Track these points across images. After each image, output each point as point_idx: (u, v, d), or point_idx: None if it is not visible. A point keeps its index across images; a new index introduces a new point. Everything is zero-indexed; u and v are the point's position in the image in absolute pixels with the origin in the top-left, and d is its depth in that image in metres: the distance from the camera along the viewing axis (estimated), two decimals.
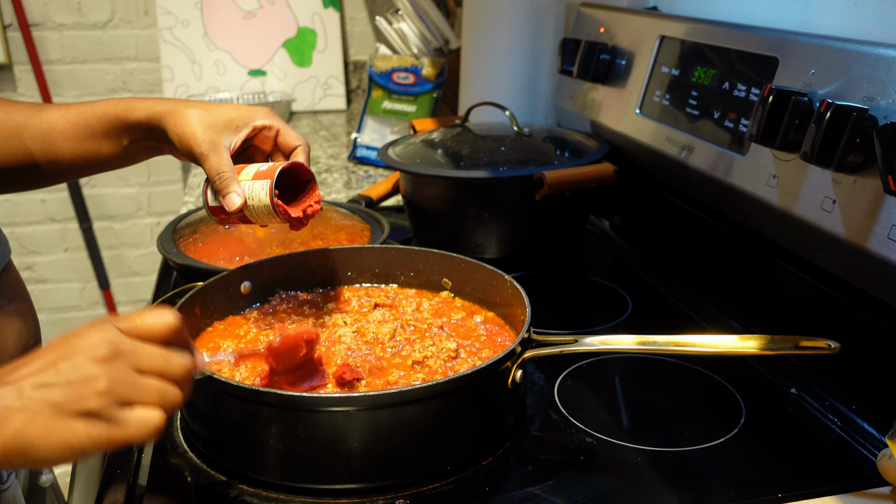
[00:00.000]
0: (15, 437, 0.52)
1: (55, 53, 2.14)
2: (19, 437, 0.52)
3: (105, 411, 0.54)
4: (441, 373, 0.79)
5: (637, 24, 1.23)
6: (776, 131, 0.81)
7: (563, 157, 1.24)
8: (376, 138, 1.79)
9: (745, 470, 0.75)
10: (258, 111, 0.84)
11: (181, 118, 0.80)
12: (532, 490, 0.71)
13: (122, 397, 0.55)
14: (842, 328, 0.86)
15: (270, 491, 0.71)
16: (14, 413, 0.52)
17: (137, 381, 0.56)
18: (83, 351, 0.55)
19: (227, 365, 0.79)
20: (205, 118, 0.80)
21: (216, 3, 2.18)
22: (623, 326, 1.04)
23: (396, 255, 0.99)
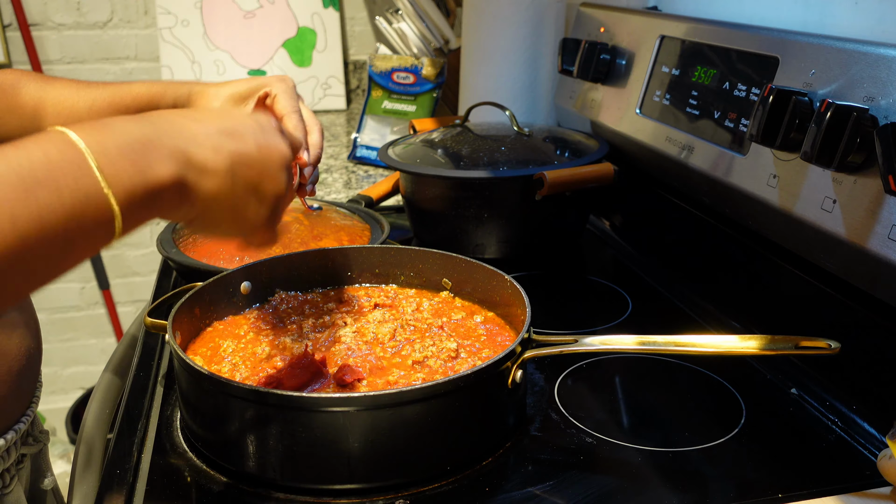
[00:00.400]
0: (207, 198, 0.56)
1: (55, 53, 2.14)
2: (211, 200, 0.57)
3: (271, 208, 0.62)
4: (441, 373, 0.79)
5: (637, 23, 1.23)
6: (776, 131, 0.81)
7: (563, 157, 1.24)
8: (376, 138, 1.79)
9: (745, 470, 0.75)
10: (268, 80, 0.89)
11: (206, 100, 0.88)
12: (532, 490, 0.71)
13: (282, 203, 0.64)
14: (842, 328, 0.86)
15: (270, 491, 0.71)
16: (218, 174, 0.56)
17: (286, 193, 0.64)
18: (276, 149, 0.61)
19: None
20: (224, 96, 0.88)
21: (216, 3, 2.18)
22: (623, 326, 1.04)
23: (396, 255, 0.99)
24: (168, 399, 0.86)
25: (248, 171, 0.58)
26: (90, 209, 0.48)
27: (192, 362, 0.71)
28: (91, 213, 0.48)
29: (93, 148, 0.49)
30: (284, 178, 0.62)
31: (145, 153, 0.52)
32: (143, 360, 0.94)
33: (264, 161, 0.60)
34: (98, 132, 0.50)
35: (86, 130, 0.50)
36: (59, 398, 2.46)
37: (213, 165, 0.56)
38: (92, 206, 0.48)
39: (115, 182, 0.49)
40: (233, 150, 0.57)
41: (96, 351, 2.46)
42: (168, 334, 0.77)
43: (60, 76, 0.89)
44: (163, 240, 1.09)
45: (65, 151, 0.48)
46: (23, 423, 0.81)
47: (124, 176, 0.50)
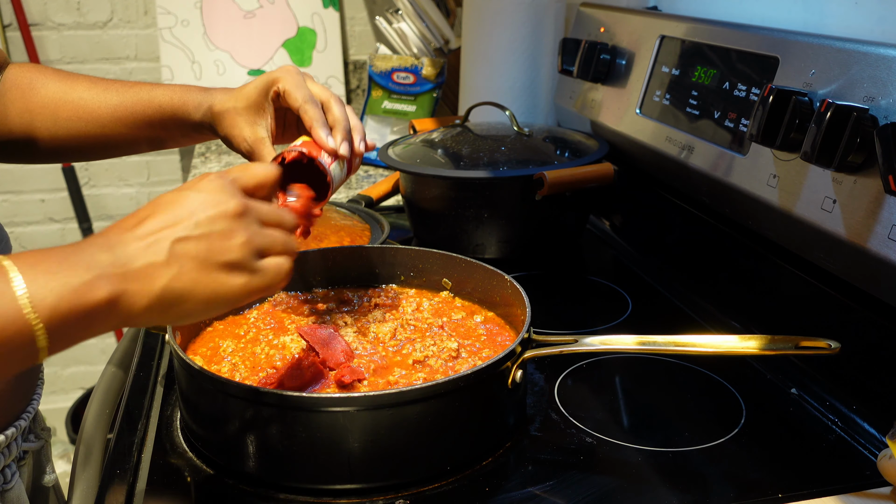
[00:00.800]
0: (162, 293, 0.53)
1: (55, 53, 2.14)
2: (167, 293, 0.53)
3: (245, 262, 0.56)
4: (442, 372, 0.79)
5: (637, 23, 1.23)
6: (776, 131, 0.81)
7: (563, 157, 1.24)
8: (376, 138, 1.79)
9: (745, 470, 0.75)
10: (275, 75, 0.83)
11: (229, 122, 0.84)
12: (532, 490, 0.71)
13: (258, 248, 0.58)
14: (842, 328, 0.86)
15: (270, 491, 0.71)
16: (159, 269, 0.52)
17: (265, 232, 0.59)
18: (213, 205, 0.56)
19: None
20: (245, 114, 0.83)
21: (216, 3, 2.18)
22: (623, 326, 1.04)
23: (396, 255, 0.99)
24: (168, 399, 0.86)
25: (190, 246, 0.54)
26: (7, 325, 0.47)
27: (192, 362, 0.71)
28: (8, 329, 0.47)
29: (17, 263, 0.49)
30: (240, 228, 0.56)
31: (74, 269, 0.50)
32: (143, 360, 0.94)
33: (208, 228, 0.55)
34: (30, 256, 0.50)
35: (19, 256, 0.50)
36: (59, 398, 2.45)
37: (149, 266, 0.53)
38: (10, 322, 0.47)
39: (37, 297, 0.48)
40: (166, 237, 0.54)
41: (96, 351, 2.46)
42: (168, 334, 0.77)
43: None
44: None
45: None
46: (24, 419, 0.81)
47: (49, 291, 0.48)
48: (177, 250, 0.53)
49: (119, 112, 0.89)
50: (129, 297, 0.52)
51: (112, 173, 2.30)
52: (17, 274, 0.48)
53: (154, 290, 0.53)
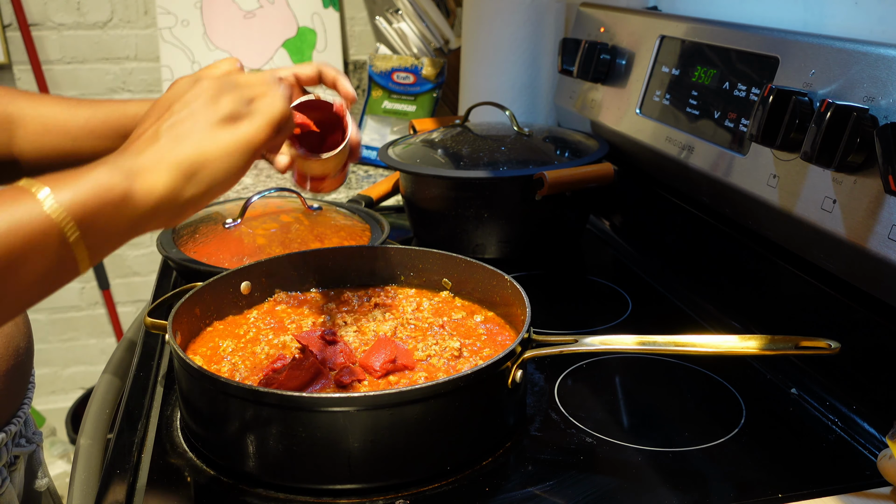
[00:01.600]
0: (180, 164, 0.56)
1: (55, 53, 2.14)
2: (184, 162, 0.56)
3: (241, 109, 0.60)
4: (444, 371, 0.79)
5: (637, 23, 1.23)
6: (776, 131, 0.81)
7: (563, 157, 1.24)
8: (376, 138, 1.79)
9: (745, 470, 0.75)
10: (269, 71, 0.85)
11: None
12: (532, 490, 0.71)
13: (246, 95, 0.61)
14: (842, 328, 0.86)
15: (270, 491, 0.71)
16: (166, 147, 0.56)
17: (246, 83, 0.63)
18: (191, 84, 0.61)
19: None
20: None
21: (216, 3, 2.18)
22: (623, 326, 1.04)
23: (396, 255, 0.99)
24: (168, 399, 0.86)
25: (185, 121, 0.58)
26: (32, 221, 0.49)
27: (192, 362, 0.71)
28: (34, 225, 0.49)
29: (37, 179, 0.52)
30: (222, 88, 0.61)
31: (89, 171, 0.54)
32: (143, 360, 0.94)
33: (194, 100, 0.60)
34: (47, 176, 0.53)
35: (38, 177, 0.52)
36: (59, 398, 2.45)
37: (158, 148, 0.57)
38: (34, 218, 0.50)
39: (55, 195, 0.51)
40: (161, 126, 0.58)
41: (96, 351, 2.46)
42: (168, 334, 0.77)
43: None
44: (163, 240, 1.09)
45: (11, 186, 0.51)
46: (13, 424, 0.80)
47: (66, 189, 0.51)
48: (176, 130, 0.57)
49: (91, 124, 0.88)
50: (145, 179, 0.55)
51: None
52: (37, 184, 0.51)
53: (169, 165, 0.56)
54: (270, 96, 0.63)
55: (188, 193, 0.57)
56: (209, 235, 1.09)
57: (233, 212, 1.13)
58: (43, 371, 2.41)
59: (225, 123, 0.59)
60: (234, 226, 1.09)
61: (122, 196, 0.53)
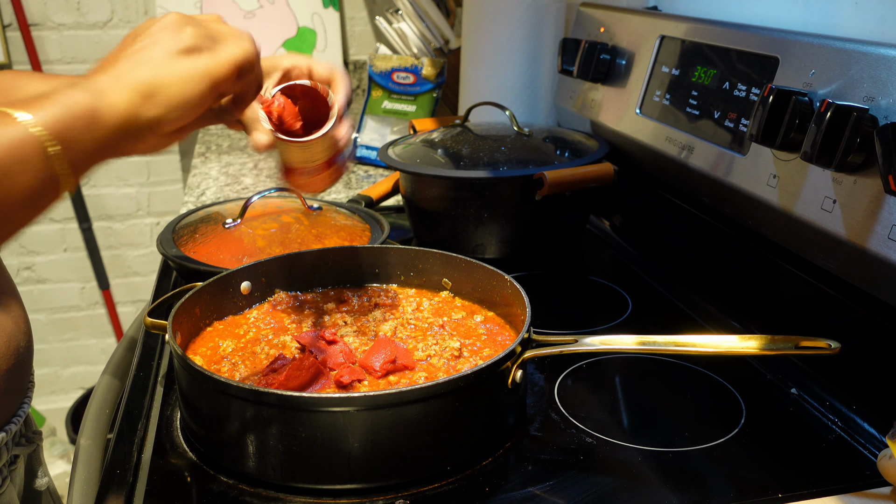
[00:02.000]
0: (136, 85, 0.59)
1: (55, 53, 2.14)
2: (140, 83, 0.59)
3: (202, 43, 0.62)
4: (444, 371, 0.79)
5: (637, 23, 1.23)
6: (776, 131, 0.81)
7: (563, 157, 1.24)
8: (376, 138, 1.79)
9: (745, 470, 0.75)
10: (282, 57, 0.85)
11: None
12: (532, 490, 0.71)
13: (212, 33, 0.63)
14: (842, 328, 0.86)
15: (270, 491, 0.71)
16: (123, 70, 0.59)
17: (220, 25, 0.65)
18: (159, 20, 0.63)
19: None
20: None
21: (216, 3, 2.18)
22: (623, 326, 1.04)
23: (396, 255, 0.99)
24: (168, 399, 0.86)
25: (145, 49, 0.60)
26: (8, 136, 0.52)
27: (192, 362, 0.71)
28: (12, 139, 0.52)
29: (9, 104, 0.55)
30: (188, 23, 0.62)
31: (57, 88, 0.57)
32: (143, 360, 0.94)
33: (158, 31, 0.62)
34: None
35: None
36: (59, 398, 2.46)
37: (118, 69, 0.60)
38: (10, 133, 0.52)
39: (26, 112, 0.54)
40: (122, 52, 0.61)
41: (96, 351, 2.46)
42: (168, 334, 0.77)
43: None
44: (163, 240, 1.09)
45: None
46: (14, 423, 0.80)
47: (34, 106, 0.54)
48: (136, 55, 0.60)
49: None
50: (105, 98, 0.57)
51: (112, 173, 2.30)
52: (15, 108, 0.54)
53: (125, 85, 0.58)
54: (236, 38, 0.65)
55: (148, 114, 0.59)
56: (209, 235, 1.09)
57: (233, 212, 1.13)
58: (43, 371, 2.41)
59: (185, 53, 0.61)
60: (234, 226, 1.09)
61: (90, 112, 0.56)
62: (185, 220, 1.17)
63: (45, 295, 2.36)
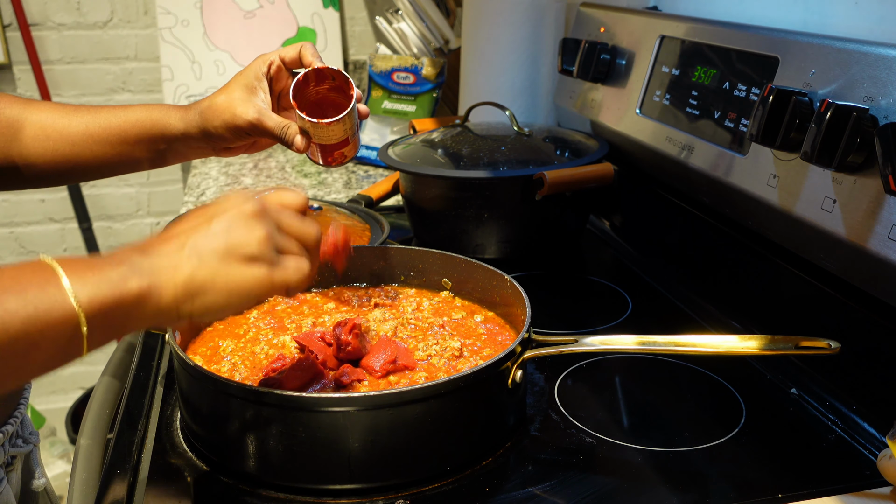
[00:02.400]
0: (187, 283, 0.57)
1: (55, 53, 2.14)
2: (190, 283, 0.57)
3: (266, 256, 0.60)
4: (444, 371, 0.79)
5: (637, 23, 1.23)
6: (776, 131, 0.81)
7: (563, 157, 1.24)
8: (376, 138, 1.79)
9: (745, 470, 0.75)
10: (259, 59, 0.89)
11: (224, 107, 0.86)
12: (532, 490, 0.71)
13: (279, 245, 0.61)
14: (842, 328, 0.86)
15: (270, 491, 0.71)
16: (183, 263, 0.57)
17: (285, 236, 0.63)
18: (233, 209, 0.60)
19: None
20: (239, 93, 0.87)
21: (216, 3, 2.18)
22: (623, 326, 1.04)
23: (396, 255, 0.99)
24: (168, 399, 0.86)
25: (210, 241, 0.58)
26: (54, 312, 0.51)
27: (192, 362, 0.71)
28: (55, 316, 0.51)
29: (61, 263, 0.53)
30: (259, 226, 0.60)
31: (112, 267, 0.55)
32: (143, 360, 0.94)
33: (227, 225, 0.59)
34: (69, 258, 0.55)
35: (60, 257, 0.54)
36: (59, 398, 2.45)
37: (175, 262, 0.57)
38: (57, 309, 0.51)
39: (79, 288, 0.52)
40: (189, 237, 0.59)
41: (96, 351, 2.46)
42: (168, 334, 0.77)
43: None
44: None
45: (36, 266, 0.52)
46: (10, 424, 0.80)
47: (90, 284, 0.53)
48: (199, 247, 0.58)
49: (91, 130, 0.88)
50: (158, 289, 0.56)
51: None
52: (62, 271, 0.53)
53: (179, 281, 0.57)
54: (300, 261, 0.63)
55: (186, 310, 0.58)
56: None
57: None
58: None
59: (245, 261, 0.59)
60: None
61: (137, 300, 0.55)
62: None
63: None
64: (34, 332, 0.50)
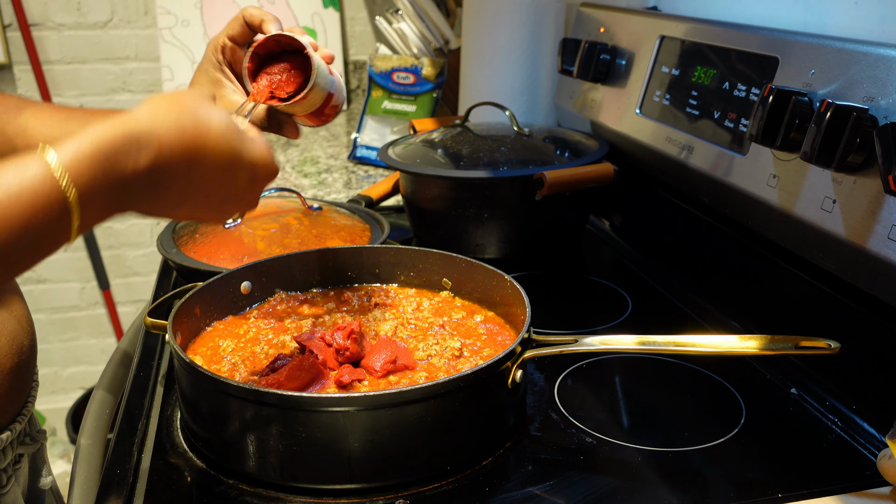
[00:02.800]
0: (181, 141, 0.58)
1: (55, 53, 2.14)
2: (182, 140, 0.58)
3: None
4: (445, 371, 0.79)
5: (637, 23, 1.23)
6: (776, 131, 0.81)
7: (563, 157, 1.24)
8: (376, 138, 1.79)
9: (745, 470, 0.75)
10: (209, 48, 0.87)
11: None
12: (532, 490, 0.71)
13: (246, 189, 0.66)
14: (842, 328, 0.86)
15: (270, 491, 0.71)
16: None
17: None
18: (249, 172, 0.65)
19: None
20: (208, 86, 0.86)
21: (216, 3, 2.18)
22: (623, 326, 1.04)
23: (396, 255, 0.99)
24: (168, 399, 0.86)
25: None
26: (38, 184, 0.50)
27: (192, 362, 0.71)
28: (40, 188, 0.50)
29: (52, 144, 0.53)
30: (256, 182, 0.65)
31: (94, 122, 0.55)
32: (143, 360, 0.94)
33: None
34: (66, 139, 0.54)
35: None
36: (59, 398, 2.45)
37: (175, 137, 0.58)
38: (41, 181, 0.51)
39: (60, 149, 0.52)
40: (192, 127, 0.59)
41: (96, 351, 2.46)
42: (168, 334, 0.77)
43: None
44: (163, 240, 1.09)
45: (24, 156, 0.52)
46: (18, 422, 0.80)
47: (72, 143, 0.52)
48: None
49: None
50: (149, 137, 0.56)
51: None
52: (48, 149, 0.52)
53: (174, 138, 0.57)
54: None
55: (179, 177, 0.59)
56: (209, 235, 1.09)
57: None
58: (43, 371, 2.41)
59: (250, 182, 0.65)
60: (234, 226, 1.09)
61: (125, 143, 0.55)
62: None
63: (45, 295, 2.36)
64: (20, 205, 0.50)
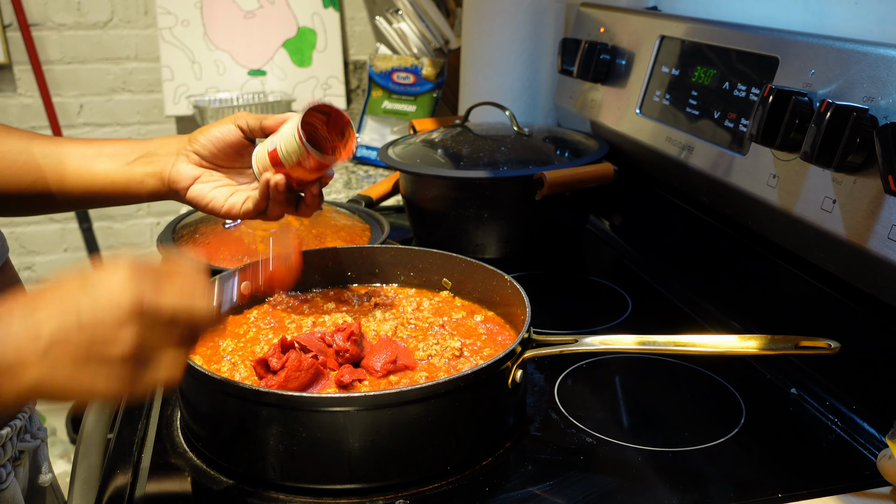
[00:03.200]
0: (33, 387, 0.52)
1: (55, 53, 2.14)
2: (38, 387, 0.52)
3: (123, 370, 0.53)
4: (445, 371, 0.79)
5: (637, 24, 1.23)
6: (776, 131, 0.81)
7: (563, 157, 1.24)
8: (376, 138, 1.79)
9: (745, 470, 0.75)
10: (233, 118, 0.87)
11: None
12: (532, 490, 0.71)
13: (141, 358, 0.53)
14: (842, 328, 0.86)
15: (270, 491, 0.71)
16: (33, 363, 0.51)
17: (156, 342, 0.54)
18: (106, 307, 0.52)
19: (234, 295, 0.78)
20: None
21: (216, 3, 2.18)
22: (623, 326, 1.04)
23: (396, 255, 0.99)
24: (168, 399, 0.86)
25: (70, 342, 0.52)
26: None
27: (191, 362, 0.71)
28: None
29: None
30: (128, 331, 0.52)
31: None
32: None
33: (91, 330, 0.52)
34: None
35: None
36: None
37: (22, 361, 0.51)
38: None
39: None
40: (49, 327, 0.52)
41: None
42: None
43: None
44: (163, 240, 1.09)
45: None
46: (19, 419, 0.80)
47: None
48: (55, 349, 0.51)
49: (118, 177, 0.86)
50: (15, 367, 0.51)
51: None
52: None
53: (23, 384, 0.51)
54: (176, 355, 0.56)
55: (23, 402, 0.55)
56: (209, 235, 1.09)
57: None
58: None
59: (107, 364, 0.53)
60: (234, 226, 1.09)
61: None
62: (185, 220, 1.17)
63: None
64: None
